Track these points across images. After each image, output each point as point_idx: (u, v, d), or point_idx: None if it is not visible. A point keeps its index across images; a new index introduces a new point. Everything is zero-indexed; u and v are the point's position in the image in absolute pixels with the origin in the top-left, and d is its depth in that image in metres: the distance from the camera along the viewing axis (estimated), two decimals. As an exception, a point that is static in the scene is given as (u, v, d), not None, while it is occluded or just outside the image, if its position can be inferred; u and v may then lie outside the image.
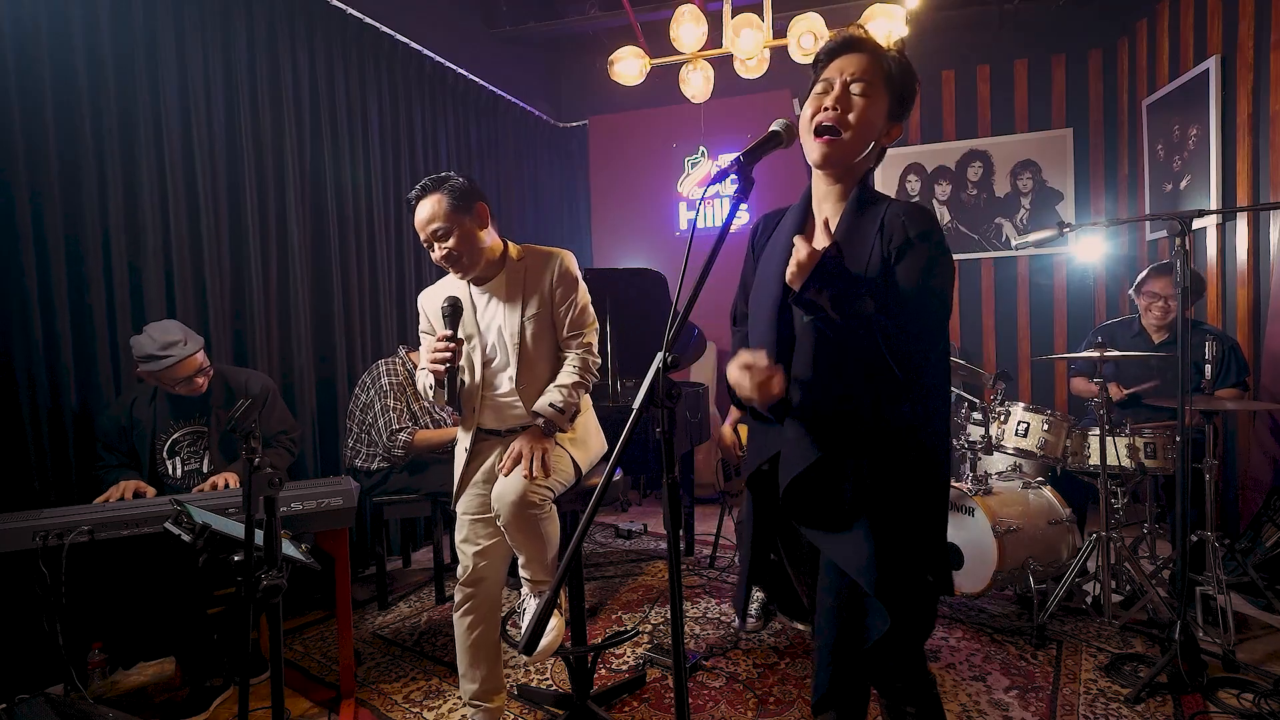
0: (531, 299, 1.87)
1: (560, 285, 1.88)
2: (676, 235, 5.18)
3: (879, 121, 1.22)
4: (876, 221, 1.21)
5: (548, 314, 1.89)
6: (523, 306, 1.87)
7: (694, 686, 2.25)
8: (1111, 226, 4.32)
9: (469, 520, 1.91)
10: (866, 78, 1.20)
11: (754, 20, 3.13)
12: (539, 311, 1.87)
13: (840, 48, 1.24)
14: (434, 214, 1.79)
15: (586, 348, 1.92)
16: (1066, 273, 4.46)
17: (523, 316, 1.86)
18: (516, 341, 1.87)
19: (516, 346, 1.87)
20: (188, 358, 2.30)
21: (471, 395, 1.94)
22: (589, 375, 1.92)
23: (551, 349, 1.92)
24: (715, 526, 3.53)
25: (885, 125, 1.24)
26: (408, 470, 2.98)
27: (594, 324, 1.96)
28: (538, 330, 1.88)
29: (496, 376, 1.92)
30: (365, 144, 3.61)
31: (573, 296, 1.89)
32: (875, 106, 1.21)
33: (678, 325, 1.04)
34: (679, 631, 1.01)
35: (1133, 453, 2.61)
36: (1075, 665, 2.32)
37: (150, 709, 2.19)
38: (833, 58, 1.24)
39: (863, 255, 1.20)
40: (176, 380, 2.32)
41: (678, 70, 3.47)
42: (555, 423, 1.85)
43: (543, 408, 1.84)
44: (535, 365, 1.90)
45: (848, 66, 1.21)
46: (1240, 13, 3.16)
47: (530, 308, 1.87)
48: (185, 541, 1.47)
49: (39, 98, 2.34)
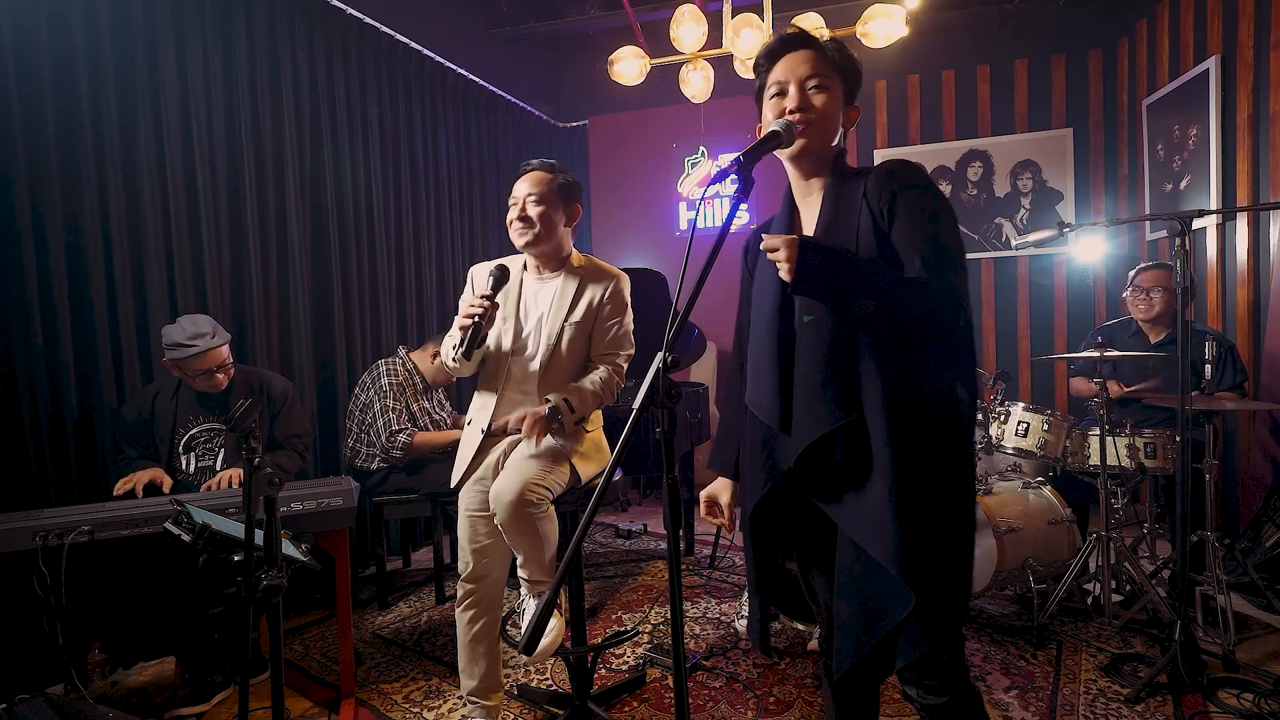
0: (580, 306, 1.91)
1: (610, 303, 1.94)
2: (676, 235, 5.18)
3: (839, 110, 1.26)
4: (859, 188, 1.21)
5: (589, 326, 1.93)
6: (569, 310, 1.91)
7: (694, 686, 2.25)
8: (1111, 226, 4.32)
9: (471, 517, 1.91)
10: (818, 73, 1.24)
11: (754, 20, 3.13)
12: (582, 320, 1.91)
13: (781, 48, 1.27)
14: (541, 182, 1.88)
15: (616, 368, 1.96)
16: (1066, 273, 4.46)
17: (566, 319, 1.90)
18: (553, 341, 1.90)
19: (552, 345, 1.90)
20: (211, 350, 2.34)
21: (495, 376, 1.94)
22: (609, 392, 1.94)
23: (581, 360, 1.95)
24: (715, 527, 3.53)
25: (844, 110, 1.28)
26: (407, 470, 2.98)
27: (631, 350, 2.00)
28: (575, 337, 1.91)
29: (522, 365, 1.93)
30: (365, 144, 3.61)
31: (620, 318, 1.96)
32: (833, 96, 1.25)
33: (678, 325, 1.04)
34: (679, 631, 1.01)
35: (1133, 453, 2.61)
36: (1075, 665, 2.32)
37: (150, 709, 2.19)
38: (774, 59, 1.27)
39: (851, 225, 1.20)
40: (198, 371, 2.35)
41: (678, 70, 3.47)
42: (561, 413, 1.84)
43: (556, 397, 1.85)
44: (562, 369, 1.92)
45: (797, 67, 1.24)
46: (1240, 13, 3.16)
47: (576, 314, 1.91)
48: (185, 541, 1.46)
49: (39, 98, 2.34)
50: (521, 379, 1.93)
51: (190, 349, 2.31)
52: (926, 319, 1.14)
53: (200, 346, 2.31)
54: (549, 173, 1.91)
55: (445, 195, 4.19)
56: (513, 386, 1.93)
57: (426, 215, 4.03)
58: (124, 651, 2.33)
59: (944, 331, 1.16)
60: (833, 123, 1.25)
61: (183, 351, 2.31)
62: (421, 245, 3.99)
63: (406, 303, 3.88)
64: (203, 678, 2.19)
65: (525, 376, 1.92)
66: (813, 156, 1.26)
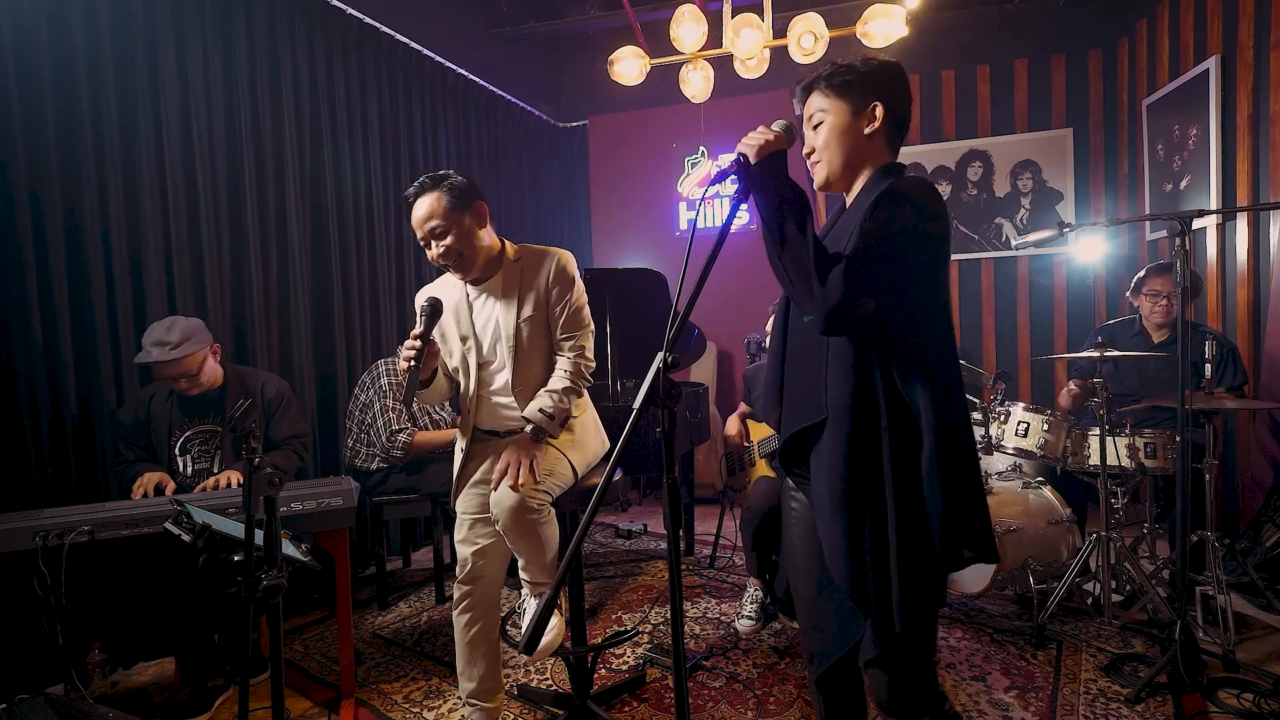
0: (528, 299, 1.85)
1: (556, 285, 1.85)
2: (676, 235, 5.18)
3: (843, 131, 1.30)
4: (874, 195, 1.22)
5: (543, 315, 1.86)
6: (519, 307, 1.84)
7: (694, 686, 2.25)
8: (1111, 226, 4.32)
9: (468, 520, 1.91)
10: (820, 109, 1.32)
11: (754, 20, 3.13)
12: (535, 313, 1.85)
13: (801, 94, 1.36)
14: (431, 211, 1.76)
15: (579, 351, 1.89)
16: (1066, 273, 4.46)
17: (518, 318, 1.84)
18: (512, 344, 1.85)
19: (512, 348, 1.85)
20: (160, 362, 2.28)
21: (467, 396, 1.93)
22: (581, 380, 1.89)
23: (547, 351, 1.90)
24: (715, 526, 3.53)
25: (854, 122, 1.30)
26: (407, 470, 2.98)
27: (589, 326, 1.93)
28: (533, 331, 1.86)
29: (493, 377, 1.91)
30: (365, 144, 3.61)
31: (568, 297, 1.86)
32: (833, 124, 1.30)
33: (678, 325, 1.04)
34: (679, 631, 1.01)
35: (1133, 453, 2.61)
36: (1075, 665, 2.32)
37: (150, 709, 2.19)
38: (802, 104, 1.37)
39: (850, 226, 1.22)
40: (165, 377, 2.34)
41: (678, 70, 3.47)
42: (545, 429, 1.82)
43: (532, 414, 1.82)
44: (531, 367, 1.88)
45: (806, 109, 1.35)
46: (1240, 13, 3.16)
47: (526, 308, 1.84)
48: (185, 541, 1.46)
49: (39, 98, 2.34)
50: (496, 389, 1.91)
51: (144, 355, 2.29)
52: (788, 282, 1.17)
53: (153, 356, 2.27)
54: (434, 191, 1.76)
55: (445, 195, 4.18)
56: (488, 398, 1.93)
57: (426, 215, 4.02)
58: (124, 651, 2.32)
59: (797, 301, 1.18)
60: (835, 147, 1.31)
61: (141, 355, 2.30)
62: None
63: (406, 303, 3.88)
64: (203, 680, 2.19)
65: (499, 387, 1.91)
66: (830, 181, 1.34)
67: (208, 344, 2.41)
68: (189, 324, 2.36)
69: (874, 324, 1.15)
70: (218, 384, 2.47)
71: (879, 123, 1.29)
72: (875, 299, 1.12)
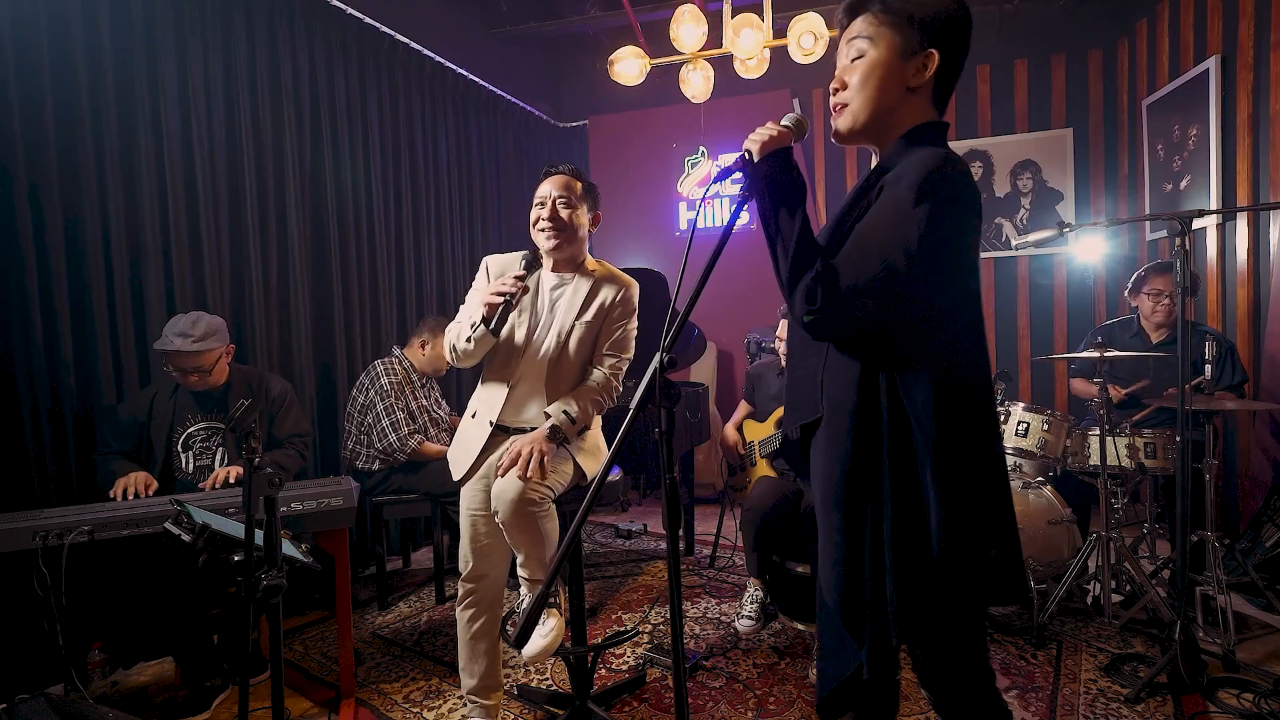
0: (592, 306, 1.94)
1: (621, 306, 1.97)
2: (676, 235, 5.18)
3: (885, 74, 1.11)
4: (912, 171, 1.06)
5: (598, 326, 1.96)
6: (582, 309, 1.94)
7: (694, 686, 2.26)
8: (1111, 226, 4.32)
9: (473, 516, 1.92)
10: (864, 34, 1.12)
11: (754, 20, 3.14)
12: (593, 320, 1.94)
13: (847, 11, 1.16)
14: (570, 185, 1.92)
15: (616, 372, 1.98)
16: (1066, 273, 4.46)
17: (578, 318, 1.93)
18: (563, 339, 1.92)
19: (561, 344, 1.92)
20: (176, 352, 2.32)
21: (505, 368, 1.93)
22: (608, 397, 1.97)
23: (585, 361, 1.97)
24: (715, 526, 3.53)
25: (900, 66, 1.10)
26: (407, 470, 2.99)
27: (630, 355, 2.02)
28: (584, 337, 1.93)
29: (531, 358, 1.94)
30: (365, 144, 3.60)
31: (626, 322, 1.99)
32: (873, 60, 1.11)
33: (677, 326, 1.04)
34: (679, 631, 1.01)
35: (1133, 453, 2.61)
36: (1075, 665, 2.32)
37: (150, 709, 2.19)
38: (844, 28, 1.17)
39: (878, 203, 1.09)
40: (179, 368, 2.36)
41: (678, 70, 3.47)
42: (563, 430, 1.87)
43: (556, 413, 1.87)
44: (567, 369, 1.94)
45: (849, 32, 1.15)
46: (1240, 13, 3.16)
47: (588, 313, 1.94)
48: (185, 541, 1.46)
49: (39, 97, 2.34)
50: (530, 374, 1.94)
51: (164, 342, 2.33)
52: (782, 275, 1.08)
53: (174, 345, 2.32)
54: (576, 178, 1.95)
55: (445, 195, 4.19)
56: (522, 380, 1.94)
57: (426, 215, 4.03)
58: (124, 651, 2.32)
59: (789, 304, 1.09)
60: (873, 91, 1.11)
61: (161, 342, 2.35)
62: (421, 245, 3.99)
63: (406, 303, 3.88)
64: (202, 680, 2.19)
65: (534, 372, 1.93)
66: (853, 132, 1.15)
67: (226, 344, 2.45)
68: (213, 321, 2.40)
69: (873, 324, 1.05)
70: (222, 382, 2.48)
71: (928, 75, 1.11)
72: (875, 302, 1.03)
